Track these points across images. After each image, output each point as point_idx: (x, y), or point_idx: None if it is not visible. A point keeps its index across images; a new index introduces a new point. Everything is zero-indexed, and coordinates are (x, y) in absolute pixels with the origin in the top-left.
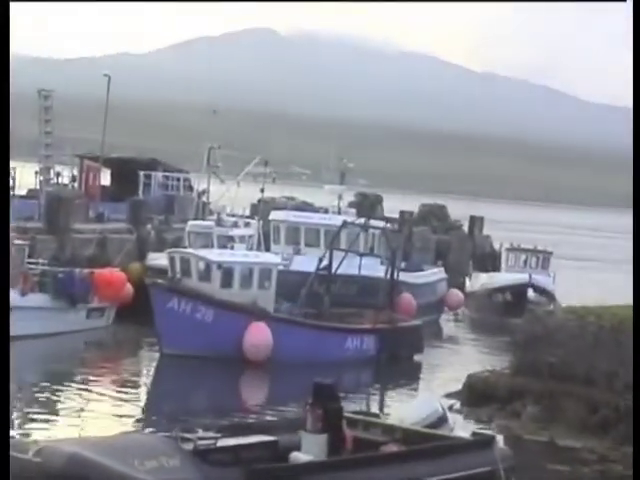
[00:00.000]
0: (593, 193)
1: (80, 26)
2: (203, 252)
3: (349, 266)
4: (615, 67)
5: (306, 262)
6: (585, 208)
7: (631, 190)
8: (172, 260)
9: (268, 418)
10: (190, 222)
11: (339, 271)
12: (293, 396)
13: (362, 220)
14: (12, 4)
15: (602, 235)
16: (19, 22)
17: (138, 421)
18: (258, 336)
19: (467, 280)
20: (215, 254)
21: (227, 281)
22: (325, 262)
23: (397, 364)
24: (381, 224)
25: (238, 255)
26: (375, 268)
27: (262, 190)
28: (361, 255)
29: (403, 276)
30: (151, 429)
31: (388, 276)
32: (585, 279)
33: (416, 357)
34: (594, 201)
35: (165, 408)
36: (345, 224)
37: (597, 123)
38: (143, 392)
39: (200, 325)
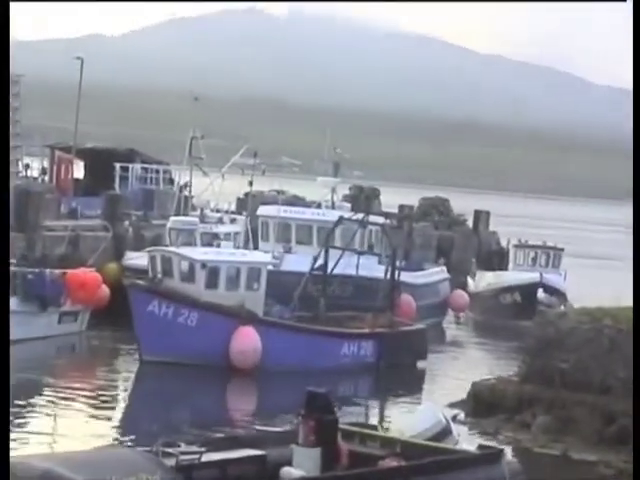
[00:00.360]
0: (606, 185)
1: (48, 6)
2: (186, 250)
3: (345, 266)
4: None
5: (298, 261)
6: (598, 201)
7: None
8: (153, 259)
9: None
10: (172, 218)
11: (335, 271)
12: (284, 407)
13: (360, 216)
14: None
15: (617, 230)
16: None
17: (115, 430)
18: (245, 341)
19: (469, 279)
20: (199, 253)
21: (212, 282)
22: (320, 261)
23: (398, 372)
24: (380, 220)
25: (224, 254)
26: (373, 267)
27: (251, 183)
28: (359, 254)
29: (403, 276)
30: (129, 443)
31: (388, 276)
32: (598, 278)
33: (419, 364)
34: (607, 193)
35: (145, 421)
36: (341, 220)
37: (610, 110)
38: (120, 403)
39: (183, 329)
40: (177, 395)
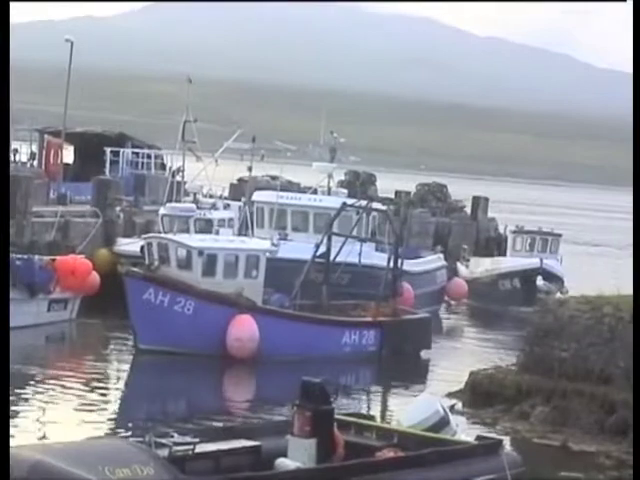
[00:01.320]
0: (610, 171)
1: None
2: (183, 237)
3: (345, 253)
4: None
5: (296, 249)
6: (599, 187)
7: None
8: (149, 246)
9: (252, 422)
10: (168, 205)
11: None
12: (280, 397)
13: (364, 202)
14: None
15: (619, 217)
16: None
17: (108, 422)
18: (242, 329)
19: (460, 265)
20: (196, 240)
21: (210, 269)
22: (322, 249)
23: (401, 361)
24: (383, 207)
25: (222, 241)
26: (371, 255)
27: (250, 169)
28: (362, 241)
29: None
30: (122, 434)
31: (389, 264)
32: (599, 265)
33: (423, 354)
34: (610, 180)
35: (139, 410)
36: (345, 206)
37: (613, 93)
38: (111, 394)
39: (179, 318)
40: (171, 385)
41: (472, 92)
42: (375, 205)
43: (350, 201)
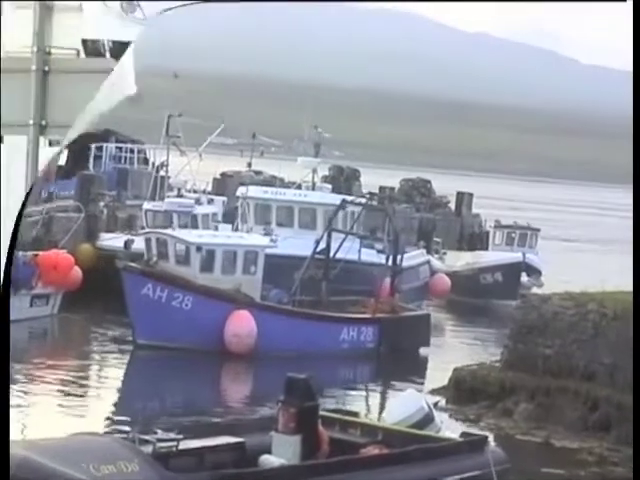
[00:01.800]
0: (597, 168)
1: None
2: (182, 233)
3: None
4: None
5: (293, 245)
6: (586, 184)
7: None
8: (148, 242)
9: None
10: (167, 200)
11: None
12: (275, 393)
13: (363, 200)
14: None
15: (607, 214)
16: None
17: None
18: (240, 325)
19: (433, 259)
20: (195, 235)
21: (208, 265)
22: (319, 244)
23: (399, 358)
24: (373, 203)
25: (220, 236)
26: (353, 251)
27: (249, 165)
28: (361, 238)
29: (383, 259)
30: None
31: (386, 261)
32: (582, 261)
33: (422, 351)
34: (597, 177)
35: (135, 406)
36: (344, 203)
37: (600, 89)
38: (93, 391)
39: (177, 313)
40: (168, 380)
41: (460, 88)
42: (373, 202)
43: (350, 198)
